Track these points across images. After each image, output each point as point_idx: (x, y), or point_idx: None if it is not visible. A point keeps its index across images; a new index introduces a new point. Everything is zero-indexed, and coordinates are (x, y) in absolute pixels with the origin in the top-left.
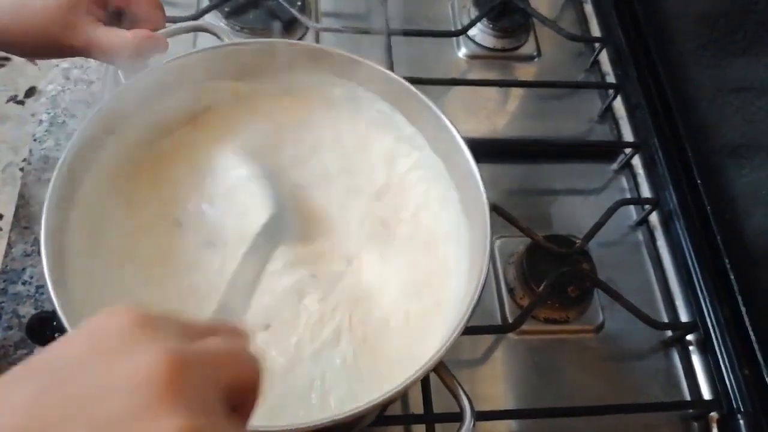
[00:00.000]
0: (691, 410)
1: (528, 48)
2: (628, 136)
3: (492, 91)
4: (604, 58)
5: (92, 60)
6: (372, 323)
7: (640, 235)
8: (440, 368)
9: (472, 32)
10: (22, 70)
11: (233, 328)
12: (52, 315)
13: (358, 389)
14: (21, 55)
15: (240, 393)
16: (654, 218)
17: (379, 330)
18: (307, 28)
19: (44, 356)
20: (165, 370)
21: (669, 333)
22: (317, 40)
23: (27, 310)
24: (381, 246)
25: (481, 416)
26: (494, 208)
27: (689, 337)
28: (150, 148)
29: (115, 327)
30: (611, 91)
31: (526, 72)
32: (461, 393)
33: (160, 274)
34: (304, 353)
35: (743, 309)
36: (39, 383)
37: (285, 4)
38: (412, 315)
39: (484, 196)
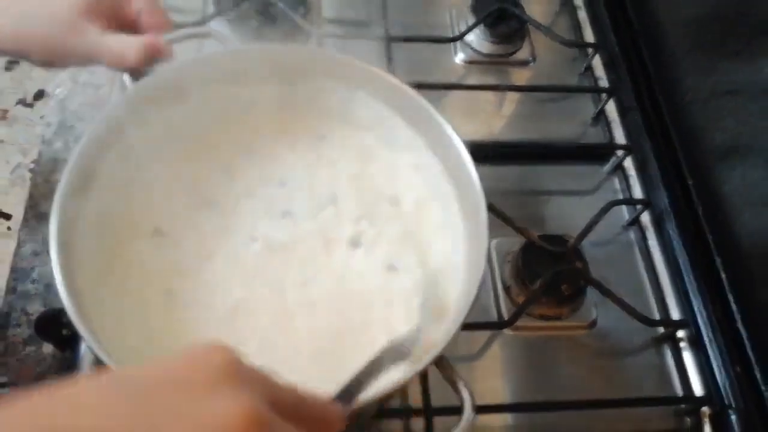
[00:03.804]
0: (683, 405)
1: (523, 53)
2: (620, 138)
3: (488, 95)
4: (597, 63)
5: None
6: (371, 321)
7: (632, 235)
8: (441, 361)
9: (469, 38)
10: (30, 74)
11: (323, 410)
12: (60, 313)
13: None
14: (32, 61)
15: None
16: (646, 218)
17: (378, 327)
18: (310, 34)
19: (139, 372)
20: (241, 426)
21: (661, 330)
22: (320, 46)
23: (36, 308)
24: (380, 245)
25: (478, 410)
26: (490, 208)
27: (680, 334)
28: (158, 151)
29: (212, 364)
30: (604, 95)
31: (521, 77)
32: (462, 386)
33: (169, 274)
34: (304, 351)
35: (734, 307)
36: (125, 392)
37: (288, 11)
38: (411, 312)
39: (482, 197)
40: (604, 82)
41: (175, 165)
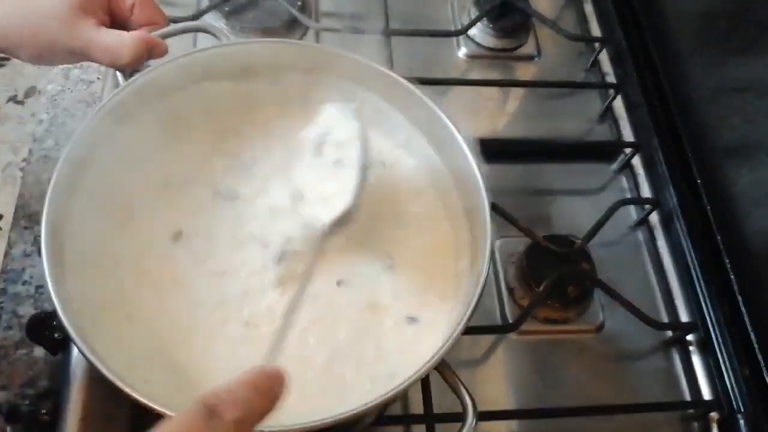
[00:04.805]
0: (691, 410)
1: (528, 48)
2: (628, 136)
3: (492, 91)
4: (604, 57)
5: None
6: (372, 323)
7: (640, 235)
8: (442, 367)
9: (472, 32)
10: (22, 70)
11: (266, 385)
12: (52, 315)
13: (364, 389)
14: (25, 58)
15: None
16: (654, 218)
17: (379, 329)
18: (307, 28)
19: None
20: None
21: (669, 333)
22: (317, 40)
23: (27, 310)
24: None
25: (481, 416)
26: (494, 208)
27: (689, 338)
28: (151, 149)
29: None
30: (611, 91)
31: (526, 72)
32: (464, 392)
33: (158, 275)
34: (307, 352)
35: (744, 309)
36: None
37: (285, 4)
38: (412, 315)
39: (485, 195)
40: (611, 78)
41: (166, 160)
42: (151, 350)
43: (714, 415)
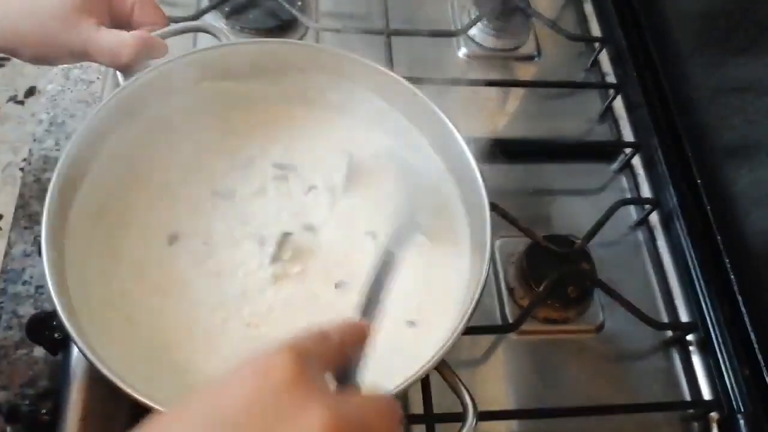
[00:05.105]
0: (691, 410)
1: (528, 48)
2: (628, 136)
3: (492, 91)
4: (604, 57)
5: None
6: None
7: (640, 235)
8: (442, 367)
9: (472, 32)
10: (22, 70)
11: (353, 334)
12: (52, 315)
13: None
14: (25, 58)
15: None
16: (654, 218)
17: (378, 330)
18: (307, 28)
19: (202, 403)
20: None
21: (669, 333)
22: (317, 40)
23: (27, 310)
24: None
25: (481, 416)
26: (494, 208)
27: (689, 337)
28: (150, 149)
29: (278, 378)
30: (611, 91)
31: (526, 72)
32: (464, 392)
33: (157, 275)
34: None
35: (743, 309)
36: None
37: (285, 4)
38: (412, 315)
39: (485, 195)
40: (611, 78)
41: (165, 160)
42: (152, 350)
43: (714, 415)
